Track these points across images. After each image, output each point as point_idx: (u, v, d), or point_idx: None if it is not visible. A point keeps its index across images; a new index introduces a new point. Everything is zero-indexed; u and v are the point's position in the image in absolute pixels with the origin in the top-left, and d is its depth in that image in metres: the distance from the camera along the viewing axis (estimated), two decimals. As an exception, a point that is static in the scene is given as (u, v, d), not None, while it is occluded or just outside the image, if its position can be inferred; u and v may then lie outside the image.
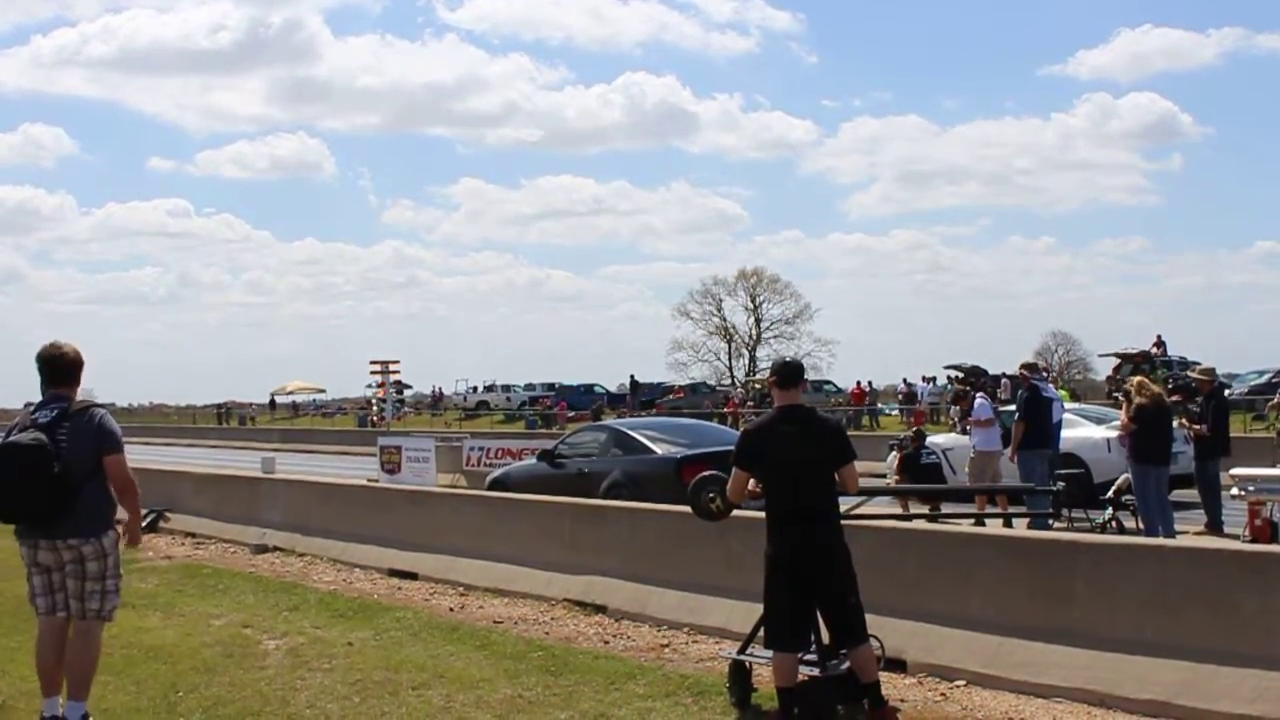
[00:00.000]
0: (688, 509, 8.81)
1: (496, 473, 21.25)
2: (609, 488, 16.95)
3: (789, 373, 8.06)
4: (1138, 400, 15.37)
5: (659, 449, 17.62)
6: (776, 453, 7.72)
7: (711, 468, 16.37)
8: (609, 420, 25.14)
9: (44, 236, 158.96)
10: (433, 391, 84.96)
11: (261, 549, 16.84)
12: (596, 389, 74.54)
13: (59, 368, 7.76)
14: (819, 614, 7.73)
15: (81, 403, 7.72)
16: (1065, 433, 17.65)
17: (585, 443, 19.31)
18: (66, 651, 7.70)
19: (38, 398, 7.82)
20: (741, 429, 8.84)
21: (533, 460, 20.00)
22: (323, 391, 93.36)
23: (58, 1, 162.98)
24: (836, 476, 7.77)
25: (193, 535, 18.92)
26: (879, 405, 58.18)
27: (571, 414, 64.45)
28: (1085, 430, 19.69)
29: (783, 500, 7.71)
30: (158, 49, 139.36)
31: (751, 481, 7.88)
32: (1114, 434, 18.17)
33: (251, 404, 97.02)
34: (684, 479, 13.55)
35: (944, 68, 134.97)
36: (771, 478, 7.77)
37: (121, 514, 7.90)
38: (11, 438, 7.50)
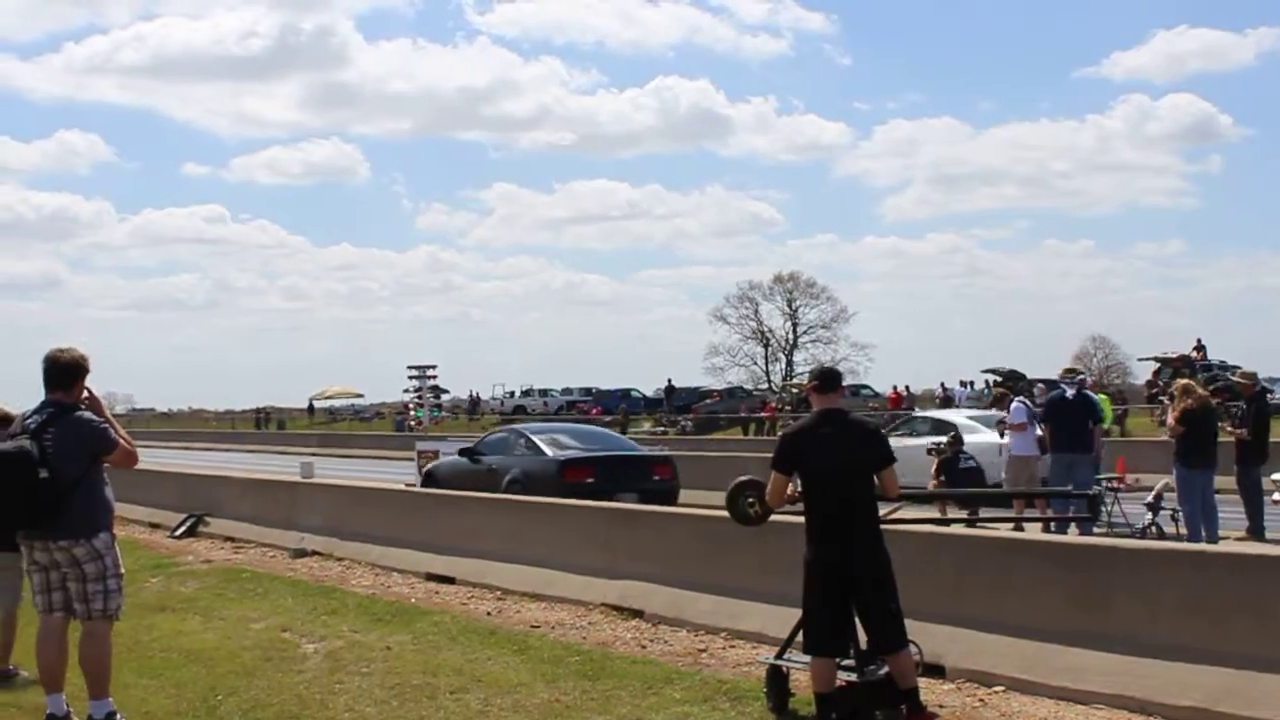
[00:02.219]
0: (725, 513, 8.79)
1: (429, 467, 23.92)
2: (509, 483, 19.26)
3: (828, 378, 8.09)
4: (1184, 403, 15.26)
5: (549, 451, 20.10)
6: (816, 456, 7.71)
7: (590, 471, 19.20)
8: (519, 424, 29.27)
9: (82, 243, 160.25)
10: (470, 396, 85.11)
11: (300, 553, 16.88)
12: (633, 393, 74.55)
13: (55, 369, 7.86)
14: (857, 619, 7.72)
15: (69, 406, 7.80)
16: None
17: (497, 442, 21.93)
18: (79, 653, 7.88)
19: None
20: (780, 432, 8.80)
21: (456, 456, 22.19)
22: (361, 396, 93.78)
23: (90, 9, 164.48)
24: (876, 480, 7.75)
25: (232, 539, 18.99)
26: (916, 409, 58.03)
27: (608, 418, 64.47)
28: (980, 436, 20.22)
29: (822, 504, 7.70)
30: (190, 56, 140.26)
31: (790, 485, 7.87)
32: (1008, 439, 18.28)
33: (290, 409, 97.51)
34: (564, 478, 18.73)
35: (978, 69, 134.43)
36: (811, 481, 7.75)
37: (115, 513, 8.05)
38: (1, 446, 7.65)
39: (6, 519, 7.81)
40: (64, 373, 7.87)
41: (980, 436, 21.57)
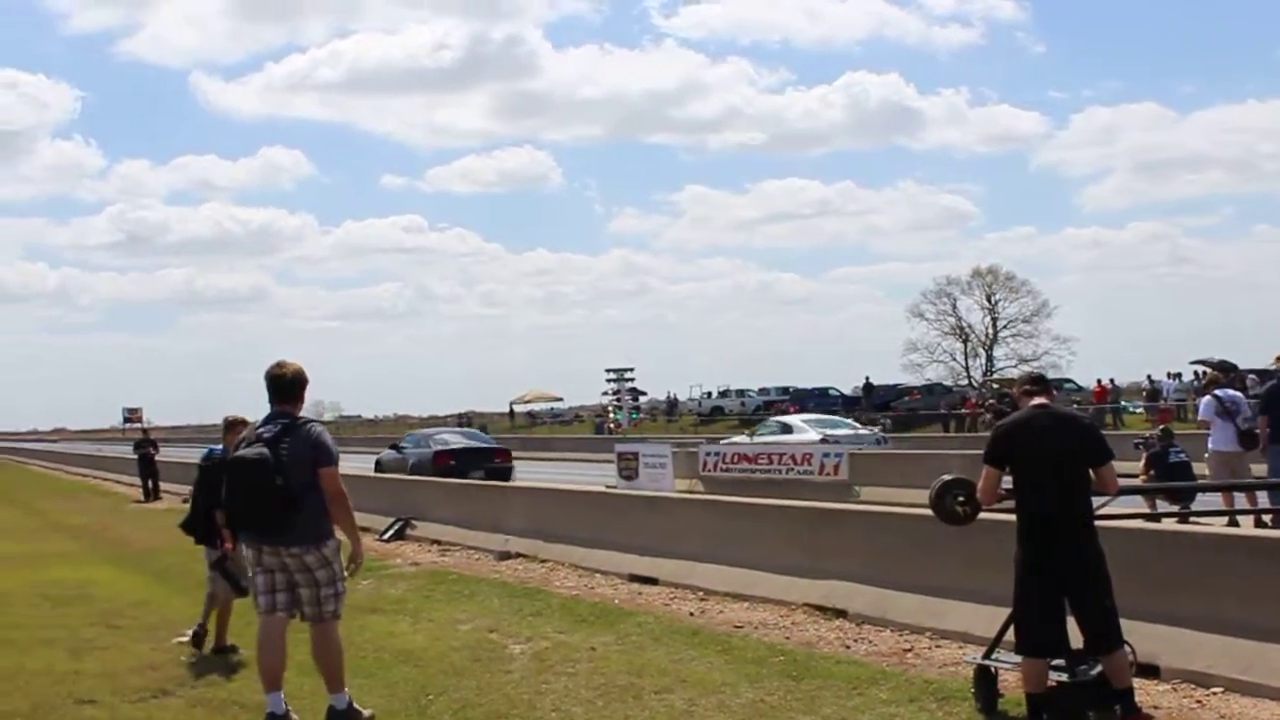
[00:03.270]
0: (928, 512, 8.67)
1: (378, 457, 35.00)
2: (412, 467, 30.77)
3: (1039, 381, 8.07)
4: None
5: (432, 446, 32.51)
6: (1032, 448, 7.55)
7: (452, 456, 31.28)
8: (427, 429, 43.90)
9: (287, 256, 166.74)
10: (667, 398, 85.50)
11: (505, 555, 17.13)
12: (830, 392, 73.96)
13: (281, 386, 8.28)
14: (1071, 618, 7.55)
15: (302, 418, 8.26)
16: (790, 437, 18.85)
17: (412, 440, 34.56)
18: (315, 652, 8.26)
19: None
20: (995, 426, 8.60)
21: (391, 450, 34.60)
22: (559, 400, 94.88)
23: (288, 29, 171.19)
24: (1093, 476, 7.58)
25: (438, 542, 19.38)
26: (1122, 403, 56.59)
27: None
28: (805, 435, 21.21)
29: (1036, 499, 7.54)
30: (384, 70, 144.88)
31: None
32: (817, 436, 17.88)
33: (491, 413, 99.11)
34: (436, 463, 30.37)
35: (1178, 52, 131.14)
36: (1025, 475, 7.60)
37: (341, 535, 8.36)
38: (238, 451, 8.18)
39: (250, 522, 8.17)
40: (289, 387, 8.28)
41: (805, 435, 31.10)
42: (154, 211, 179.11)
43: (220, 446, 10.71)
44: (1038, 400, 7.78)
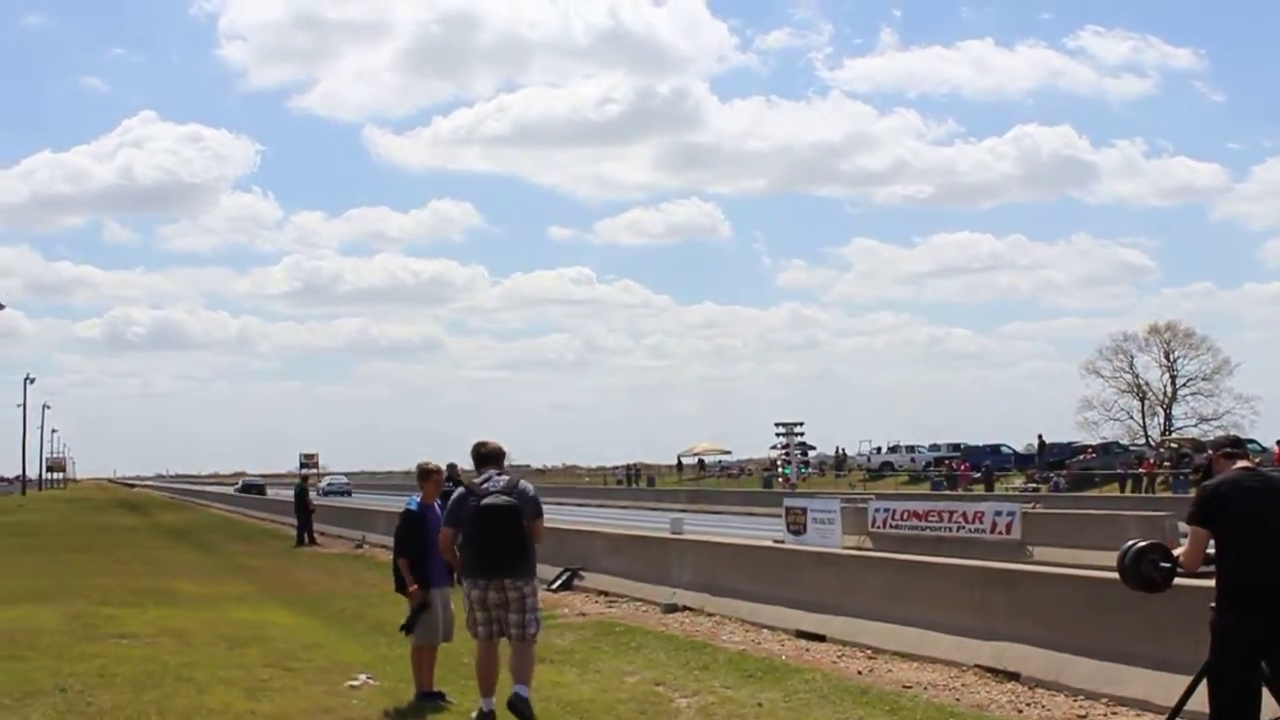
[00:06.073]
0: (1104, 574, 8.45)
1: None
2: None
3: (1238, 443, 7.85)
4: None
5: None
6: (1242, 508, 7.24)
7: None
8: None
9: (458, 306, 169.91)
10: (836, 452, 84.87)
11: (671, 608, 17.13)
12: (1003, 449, 72.86)
13: (487, 457, 9.87)
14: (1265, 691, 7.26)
15: (515, 477, 9.72)
16: None
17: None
18: (514, 661, 9.53)
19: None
20: (1201, 485, 8.28)
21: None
22: (728, 453, 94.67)
23: (456, 84, 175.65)
24: None
25: (605, 593, 19.44)
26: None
27: (976, 474, 63.22)
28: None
29: (1241, 566, 7.22)
30: (550, 123, 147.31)
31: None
32: None
33: (659, 465, 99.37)
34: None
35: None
36: (1232, 539, 7.29)
37: None
38: (486, 500, 9.39)
39: (498, 558, 9.38)
40: (493, 457, 9.88)
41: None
42: (328, 262, 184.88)
43: (418, 497, 10.82)
44: (1242, 463, 7.53)
